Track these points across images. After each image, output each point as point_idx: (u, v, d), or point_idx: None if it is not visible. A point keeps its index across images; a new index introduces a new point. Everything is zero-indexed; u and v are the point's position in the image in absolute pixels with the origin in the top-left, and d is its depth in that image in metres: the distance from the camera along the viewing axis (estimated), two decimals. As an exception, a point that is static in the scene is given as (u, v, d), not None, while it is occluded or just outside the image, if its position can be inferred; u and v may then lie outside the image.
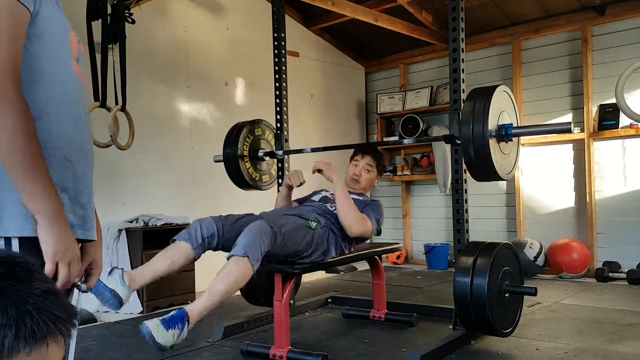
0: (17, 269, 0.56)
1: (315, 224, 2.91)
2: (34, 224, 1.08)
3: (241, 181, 3.76)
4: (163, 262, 2.67)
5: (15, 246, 1.07)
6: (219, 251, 2.86)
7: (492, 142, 2.73)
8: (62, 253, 1.09)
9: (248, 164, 3.75)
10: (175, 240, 2.74)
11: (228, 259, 2.52)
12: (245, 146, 3.72)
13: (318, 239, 2.89)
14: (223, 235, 2.78)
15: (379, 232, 3.17)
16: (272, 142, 3.90)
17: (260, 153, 3.80)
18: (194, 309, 2.39)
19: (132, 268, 4.08)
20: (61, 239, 1.09)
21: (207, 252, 2.82)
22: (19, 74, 1.06)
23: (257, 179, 3.82)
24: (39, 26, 1.13)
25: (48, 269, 1.07)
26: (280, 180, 3.91)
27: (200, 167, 4.72)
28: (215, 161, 3.81)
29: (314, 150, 3.74)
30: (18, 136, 1.03)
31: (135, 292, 3.97)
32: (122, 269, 2.59)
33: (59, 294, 0.58)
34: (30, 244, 1.08)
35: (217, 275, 2.50)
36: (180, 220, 4.33)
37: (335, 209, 3.07)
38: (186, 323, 2.33)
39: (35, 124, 1.09)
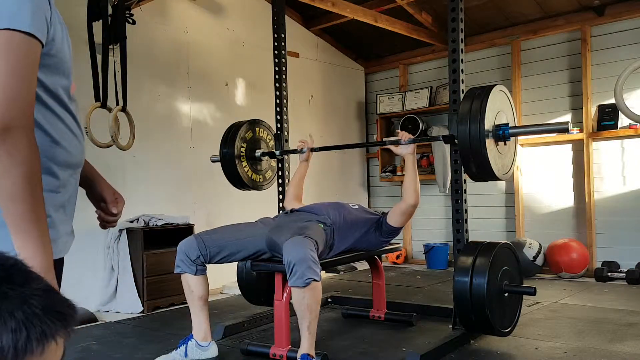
0: (13, 271, 0.57)
1: (323, 224, 2.97)
2: (55, 247, 1.06)
3: (238, 181, 3.73)
4: (195, 302, 2.82)
5: None
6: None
7: (489, 142, 2.73)
8: None
9: (245, 164, 3.73)
10: (178, 272, 2.87)
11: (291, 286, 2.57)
12: (242, 146, 3.71)
13: (328, 237, 2.96)
14: (208, 252, 2.84)
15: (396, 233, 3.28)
16: (270, 142, 3.90)
17: (257, 153, 3.78)
18: (306, 349, 2.58)
19: (132, 268, 4.09)
20: None
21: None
22: (32, 112, 1.01)
23: (255, 179, 3.80)
24: (54, 56, 1.10)
25: None
26: (280, 181, 3.91)
27: (201, 167, 4.73)
28: (213, 161, 3.79)
29: (313, 150, 3.73)
30: (28, 183, 0.97)
31: (136, 291, 4.04)
32: (187, 339, 2.80)
33: (57, 291, 0.58)
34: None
35: (296, 309, 2.59)
36: (181, 220, 4.34)
37: (355, 207, 3.25)
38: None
39: (56, 149, 1.12)
